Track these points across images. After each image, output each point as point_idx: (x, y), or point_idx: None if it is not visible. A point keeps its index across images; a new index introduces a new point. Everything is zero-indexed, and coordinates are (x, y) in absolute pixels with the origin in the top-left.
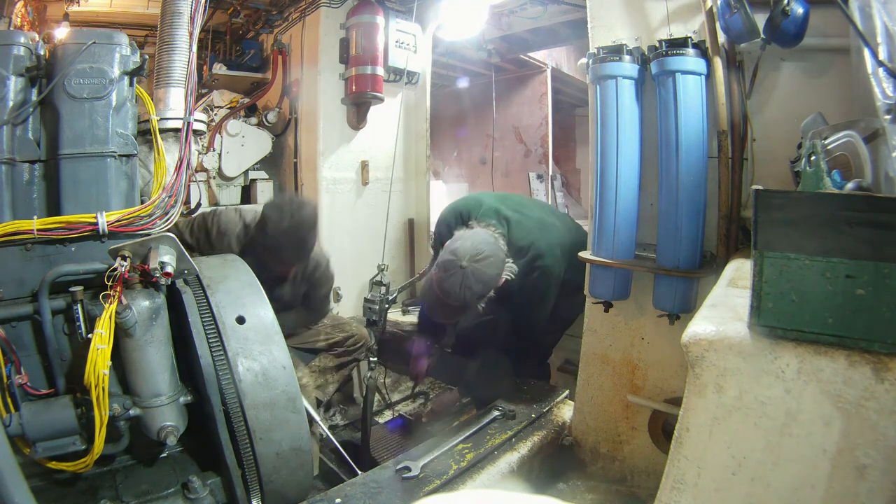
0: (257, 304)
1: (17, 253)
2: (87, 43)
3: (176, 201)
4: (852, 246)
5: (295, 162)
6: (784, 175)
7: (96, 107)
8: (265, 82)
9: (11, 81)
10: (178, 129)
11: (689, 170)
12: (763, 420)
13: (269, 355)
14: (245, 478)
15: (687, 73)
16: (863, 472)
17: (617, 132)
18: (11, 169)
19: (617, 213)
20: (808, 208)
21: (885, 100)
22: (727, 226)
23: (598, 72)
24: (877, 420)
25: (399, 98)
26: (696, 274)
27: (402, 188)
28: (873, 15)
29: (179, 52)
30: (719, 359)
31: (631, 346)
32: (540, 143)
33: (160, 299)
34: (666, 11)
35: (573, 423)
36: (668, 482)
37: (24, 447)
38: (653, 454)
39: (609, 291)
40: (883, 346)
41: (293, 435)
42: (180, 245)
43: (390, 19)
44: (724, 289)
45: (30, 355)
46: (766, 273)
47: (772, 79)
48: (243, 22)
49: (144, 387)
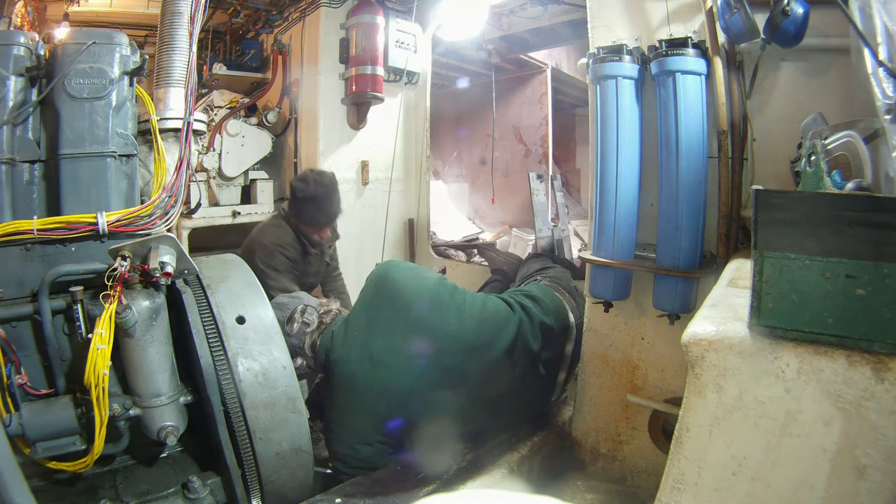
0: (257, 304)
1: (17, 253)
2: (87, 43)
3: (176, 201)
4: (852, 246)
5: (295, 162)
6: (784, 175)
7: (96, 107)
8: (265, 82)
9: (11, 81)
10: (178, 129)
11: (689, 170)
12: (763, 420)
13: (269, 355)
14: (245, 478)
15: (687, 73)
16: (863, 472)
17: (617, 132)
18: (11, 169)
19: (617, 213)
20: (808, 208)
21: (885, 100)
22: (727, 226)
23: (598, 72)
24: (877, 420)
25: (399, 98)
26: (696, 274)
27: (402, 188)
28: (873, 15)
29: (179, 52)
30: (719, 359)
31: (631, 346)
32: (540, 143)
33: (160, 299)
34: (666, 11)
35: (573, 423)
36: (668, 482)
37: (24, 447)
38: (653, 454)
39: (609, 291)
40: (883, 346)
41: (293, 435)
42: (180, 245)
43: (390, 19)
44: (724, 289)
45: (30, 355)
46: (766, 273)
47: (772, 79)
48: (243, 22)
49: (144, 387)
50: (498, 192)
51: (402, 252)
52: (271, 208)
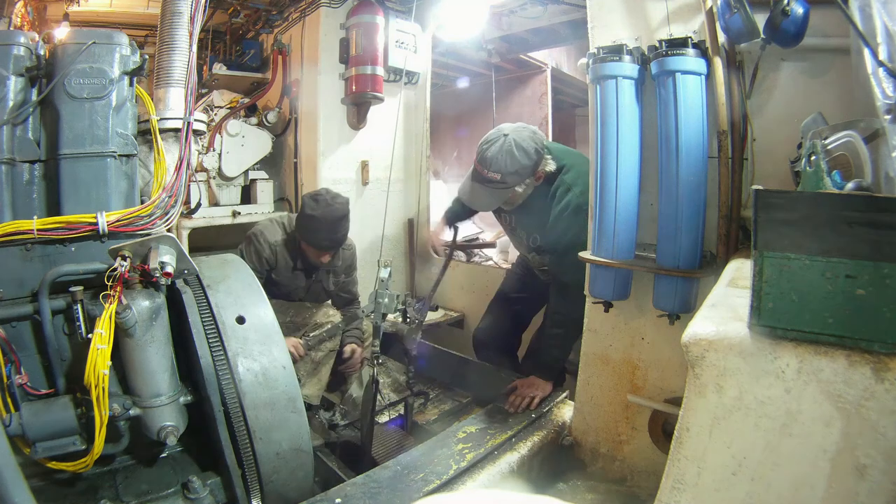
0: (257, 304)
1: (17, 253)
2: (87, 43)
3: (176, 201)
4: (852, 246)
5: (295, 162)
6: (784, 175)
7: (96, 107)
8: (265, 82)
9: (11, 81)
10: (178, 129)
11: (689, 170)
12: (763, 420)
13: (269, 355)
14: (245, 478)
15: (687, 73)
16: (863, 472)
17: (617, 132)
18: (11, 169)
19: (617, 213)
20: (808, 208)
21: (885, 100)
22: (727, 226)
23: (598, 72)
24: (877, 420)
25: (399, 98)
26: (696, 274)
27: (402, 188)
28: (873, 15)
29: (179, 52)
30: (719, 359)
31: (631, 346)
32: None
33: (160, 299)
34: (666, 11)
35: (573, 423)
36: (668, 482)
37: (24, 447)
38: (653, 454)
39: (609, 291)
40: (883, 346)
41: (293, 435)
42: (180, 245)
43: (390, 19)
44: (724, 289)
45: (30, 355)
46: (766, 273)
47: (772, 79)
48: (243, 22)
49: (144, 387)
50: None
51: (401, 252)
52: (271, 208)
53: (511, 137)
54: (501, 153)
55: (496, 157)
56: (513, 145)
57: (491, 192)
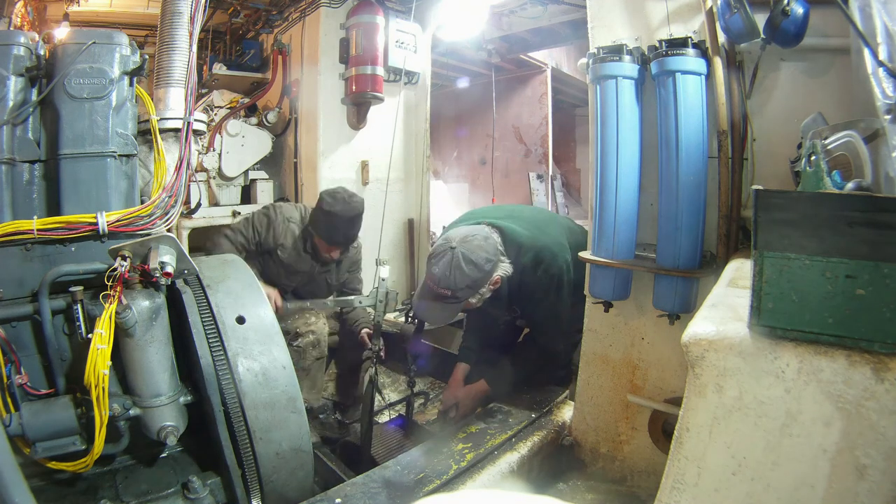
0: (257, 304)
1: (17, 253)
2: (87, 43)
3: (176, 201)
4: (852, 246)
5: (295, 162)
6: (784, 175)
7: (96, 107)
8: (265, 82)
9: (11, 81)
10: (178, 129)
11: (689, 170)
12: (763, 420)
13: (269, 355)
14: (245, 478)
15: (687, 73)
16: (863, 472)
17: (617, 132)
18: (11, 169)
19: (617, 213)
20: (808, 208)
21: (885, 100)
22: (727, 226)
23: (598, 72)
24: (877, 420)
25: (399, 98)
26: (696, 274)
27: (402, 188)
28: (873, 15)
29: (179, 52)
30: (719, 359)
31: (631, 346)
32: (540, 143)
33: (160, 299)
34: (666, 11)
35: (573, 423)
36: (668, 482)
37: (24, 447)
38: (653, 454)
39: (609, 291)
40: (883, 346)
41: (293, 435)
42: (180, 245)
43: (390, 19)
44: (724, 289)
45: (30, 355)
46: (766, 273)
47: (772, 79)
48: (243, 22)
49: (144, 387)
50: (498, 192)
51: (401, 252)
52: None
53: (458, 251)
54: (450, 269)
55: (444, 275)
56: (461, 259)
57: (443, 307)
